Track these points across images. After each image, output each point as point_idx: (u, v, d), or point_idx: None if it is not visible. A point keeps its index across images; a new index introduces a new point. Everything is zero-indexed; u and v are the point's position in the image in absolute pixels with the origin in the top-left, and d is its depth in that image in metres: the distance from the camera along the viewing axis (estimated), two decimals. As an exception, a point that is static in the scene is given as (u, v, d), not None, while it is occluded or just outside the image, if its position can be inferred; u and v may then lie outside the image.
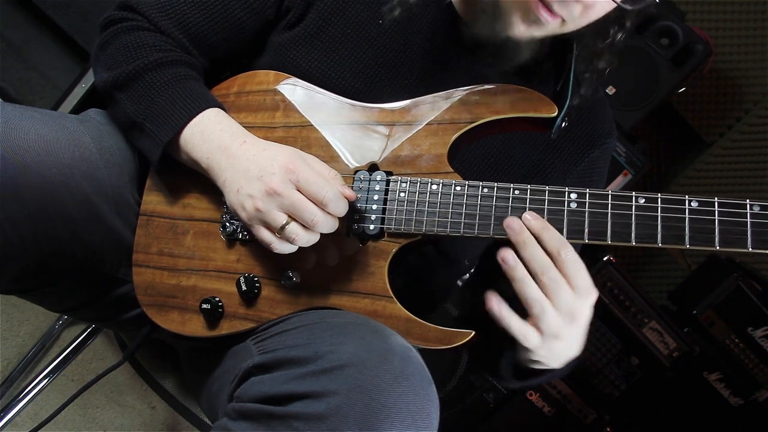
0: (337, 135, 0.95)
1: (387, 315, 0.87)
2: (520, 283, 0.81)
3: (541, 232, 0.81)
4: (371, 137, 0.94)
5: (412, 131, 0.93)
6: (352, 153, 0.94)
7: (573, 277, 0.80)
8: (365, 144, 0.94)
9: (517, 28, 0.89)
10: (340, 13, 1.01)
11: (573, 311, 0.80)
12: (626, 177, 2.04)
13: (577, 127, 1.04)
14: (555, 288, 0.79)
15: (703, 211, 0.78)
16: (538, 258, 0.80)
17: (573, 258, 0.80)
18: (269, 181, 0.83)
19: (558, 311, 0.80)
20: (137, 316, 1.02)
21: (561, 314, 0.80)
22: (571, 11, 0.85)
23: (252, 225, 0.85)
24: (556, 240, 0.80)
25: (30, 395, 1.46)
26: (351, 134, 0.95)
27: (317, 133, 0.95)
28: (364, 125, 0.94)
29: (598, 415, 2.06)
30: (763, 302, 2.04)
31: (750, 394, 2.10)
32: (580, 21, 0.89)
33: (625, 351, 2.04)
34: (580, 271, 0.80)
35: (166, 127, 0.91)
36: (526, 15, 0.88)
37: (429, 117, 0.92)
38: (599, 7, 0.87)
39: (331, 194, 0.82)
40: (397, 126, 0.93)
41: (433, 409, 0.75)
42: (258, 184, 0.84)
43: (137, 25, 0.99)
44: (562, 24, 0.88)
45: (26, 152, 0.83)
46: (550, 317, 0.80)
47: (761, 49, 2.42)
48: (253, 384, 0.80)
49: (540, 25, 0.88)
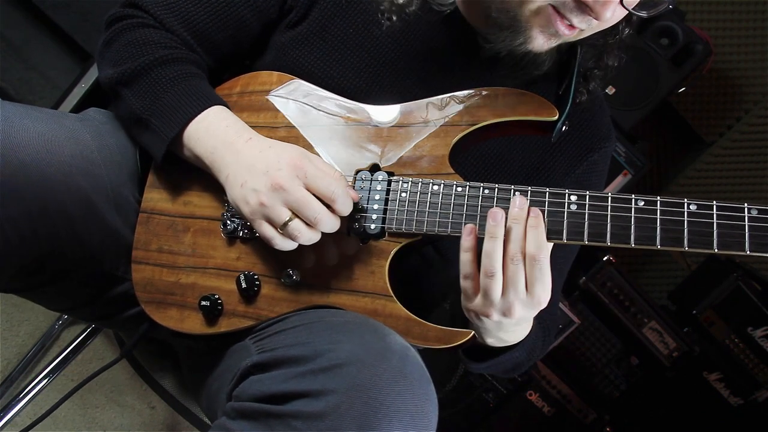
0: (336, 137, 0.95)
1: (387, 314, 0.87)
2: (493, 241, 0.81)
3: (530, 228, 0.81)
4: (372, 138, 0.94)
5: (413, 133, 0.93)
6: (352, 153, 0.94)
7: (533, 284, 0.80)
8: (366, 144, 0.94)
9: (536, 42, 0.90)
10: (343, 13, 1.01)
11: (512, 307, 0.81)
12: (626, 177, 2.04)
13: (576, 130, 1.04)
14: (513, 275, 0.80)
15: (701, 214, 0.78)
16: (517, 241, 0.80)
17: (542, 267, 0.80)
18: (276, 176, 0.83)
19: (503, 296, 0.81)
20: (137, 314, 1.02)
21: (503, 300, 0.81)
22: (589, 23, 0.86)
23: (254, 219, 0.85)
24: (537, 242, 0.80)
25: (30, 395, 1.46)
26: (351, 135, 0.95)
27: (319, 134, 0.95)
28: (365, 126, 0.95)
29: (598, 415, 2.06)
30: (763, 302, 2.05)
31: (750, 394, 2.10)
32: (596, 29, 0.90)
33: (625, 351, 2.04)
34: (542, 281, 0.80)
35: (171, 123, 0.92)
36: (546, 29, 0.88)
37: (431, 119, 0.93)
38: (615, 17, 0.87)
39: (340, 191, 0.83)
40: (398, 127, 0.94)
41: (431, 408, 0.75)
42: (264, 179, 0.84)
43: (142, 22, 0.99)
44: (579, 33, 0.89)
45: (26, 150, 0.83)
46: (494, 291, 0.81)
47: (761, 49, 2.42)
48: (252, 383, 0.80)
49: (558, 38, 0.89)
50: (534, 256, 0.80)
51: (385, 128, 0.94)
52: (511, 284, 0.81)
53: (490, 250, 0.81)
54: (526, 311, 0.83)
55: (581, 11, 0.84)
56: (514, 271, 0.80)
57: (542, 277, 0.80)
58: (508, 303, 0.81)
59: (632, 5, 0.85)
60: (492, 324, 0.86)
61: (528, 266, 0.80)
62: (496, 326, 0.87)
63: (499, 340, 0.92)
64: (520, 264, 0.80)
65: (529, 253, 0.80)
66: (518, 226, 0.81)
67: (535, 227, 0.81)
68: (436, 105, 0.93)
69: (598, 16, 0.84)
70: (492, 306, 0.82)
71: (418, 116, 0.93)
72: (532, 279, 0.80)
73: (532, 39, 0.90)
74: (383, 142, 0.93)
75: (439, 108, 0.93)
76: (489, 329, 0.89)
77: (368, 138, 0.94)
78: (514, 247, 0.80)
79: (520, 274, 0.80)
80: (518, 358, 0.98)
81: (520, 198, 0.83)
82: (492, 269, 0.81)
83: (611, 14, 0.84)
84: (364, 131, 0.94)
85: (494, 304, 0.82)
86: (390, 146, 0.93)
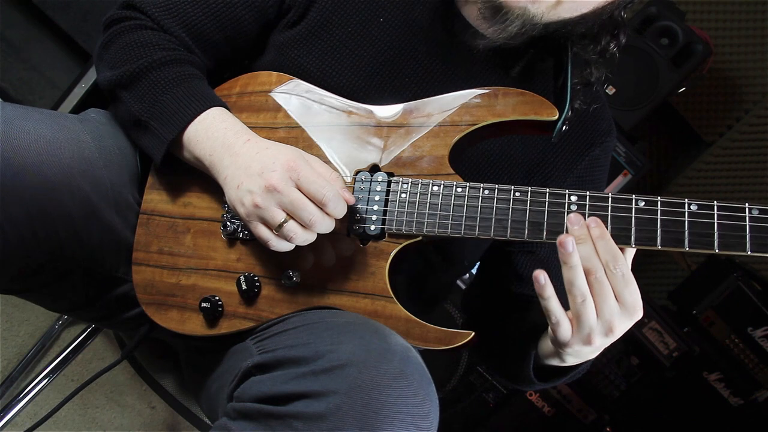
0: (335, 138, 0.95)
1: (387, 315, 0.87)
2: (572, 269, 0.78)
3: (597, 240, 0.78)
4: (371, 138, 0.94)
5: (413, 133, 0.93)
6: (352, 154, 0.94)
7: (620, 292, 0.78)
8: (365, 145, 0.94)
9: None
10: (341, 12, 1.01)
11: (611, 323, 0.78)
12: (626, 177, 2.04)
13: (577, 126, 1.04)
14: (600, 290, 0.78)
15: (702, 215, 0.78)
16: (592, 258, 0.78)
17: (624, 273, 0.78)
18: (269, 178, 0.83)
19: (599, 316, 0.78)
20: (137, 315, 1.02)
21: (600, 321, 0.79)
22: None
23: (250, 221, 0.85)
24: (610, 252, 0.78)
25: (30, 395, 1.45)
26: (350, 136, 0.95)
27: (320, 133, 0.95)
28: (365, 126, 0.95)
29: (598, 415, 2.06)
30: (763, 302, 2.05)
31: (750, 394, 2.10)
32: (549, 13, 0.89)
33: (625, 351, 2.04)
34: (629, 287, 0.78)
35: (170, 125, 0.92)
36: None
37: (431, 119, 0.92)
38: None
39: (331, 195, 0.82)
40: (398, 128, 0.93)
41: (432, 408, 0.75)
42: (258, 181, 0.84)
43: (140, 23, 0.99)
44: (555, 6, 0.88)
45: (26, 152, 0.83)
46: (589, 315, 0.78)
47: (761, 49, 2.42)
48: (253, 384, 0.80)
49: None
50: (610, 266, 0.77)
51: (385, 127, 0.94)
52: (602, 302, 0.78)
53: (572, 277, 0.78)
54: (625, 322, 0.80)
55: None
56: (599, 288, 0.78)
57: (627, 284, 0.78)
58: (606, 322, 0.78)
59: None
60: (592, 349, 0.82)
61: (610, 278, 0.78)
62: (596, 349, 0.83)
63: (586, 358, 0.88)
64: (603, 278, 0.78)
65: (606, 265, 0.78)
66: (586, 245, 0.78)
67: (602, 237, 0.78)
68: (436, 104, 0.93)
69: None
70: (592, 331, 0.79)
71: (419, 115, 0.93)
72: (618, 289, 0.78)
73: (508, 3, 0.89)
74: (384, 140, 0.93)
75: (439, 108, 0.93)
76: (585, 355, 0.86)
77: (369, 136, 0.94)
78: (590, 265, 0.78)
79: (606, 288, 0.78)
80: (589, 363, 0.94)
81: (575, 216, 0.80)
82: (581, 294, 0.78)
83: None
84: (365, 129, 0.94)
85: (594, 329, 0.79)
86: (391, 145, 0.93)
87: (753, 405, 2.10)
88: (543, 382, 0.97)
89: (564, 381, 0.97)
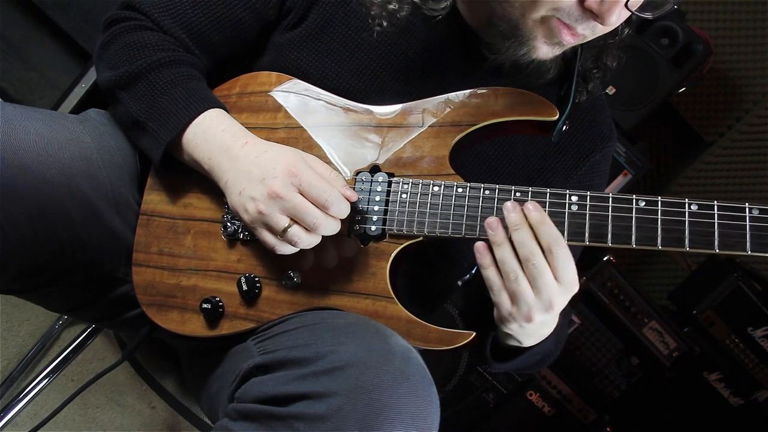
0: (335, 138, 0.95)
1: (388, 316, 0.87)
2: (500, 248, 0.81)
3: (538, 225, 0.81)
4: (371, 138, 0.94)
5: (413, 133, 0.93)
6: (352, 153, 0.94)
7: (560, 273, 0.80)
8: (365, 144, 0.94)
9: (540, 51, 0.89)
10: (342, 15, 1.00)
11: (551, 300, 0.81)
12: (626, 177, 2.04)
13: (577, 130, 1.04)
14: (539, 274, 0.80)
15: (702, 215, 0.78)
16: (528, 243, 0.80)
17: (564, 254, 0.80)
18: (271, 185, 0.83)
19: (538, 296, 0.81)
20: (137, 316, 1.02)
21: (539, 299, 0.81)
22: (593, 29, 0.86)
23: (254, 227, 0.86)
24: (551, 236, 0.80)
25: (30, 395, 1.45)
26: (350, 135, 0.95)
27: (320, 133, 0.95)
28: (365, 127, 0.94)
29: (598, 415, 2.06)
30: (763, 302, 2.05)
31: (750, 394, 2.10)
32: (599, 33, 0.89)
33: (625, 351, 2.04)
34: (568, 266, 0.80)
35: (168, 127, 0.92)
36: (549, 38, 0.88)
37: (431, 119, 0.92)
38: (620, 21, 0.86)
39: (333, 197, 0.82)
40: (398, 128, 0.93)
41: (433, 409, 0.75)
42: (260, 187, 0.84)
43: (140, 24, 0.99)
44: (583, 39, 0.89)
45: (26, 152, 0.83)
46: (524, 292, 0.81)
47: (761, 49, 2.42)
48: (254, 384, 0.80)
49: (563, 46, 0.89)
50: (550, 249, 0.80)
51: (385, 126, 0.94)
52: (542, 284, 0.80)
53: (502, 256, 0.81)
54: (564, 298, 0.82)
55: (586, 18, 0.83)
56: (537, 273, 0.80)
57: (566, 264, 0.80)
58: (546, 300, 0.81)
59: (636, 7, 0.84)
60: (536, 325, 0.85)
61: (549, 259, 0.80)
62: (540, 325, 0.86)
63: (538, 337, 0.91)
64: (541, 261, 0.80)
65: (546, 248, 0.80)
66: (520, 231, 0.81)
67: (542, 222, 0.80)
68: (436, 105, 0.93)
69: (603, 21, 0.82)
70: (532, 307, 0.81)
71: (419, 115, 0.93)
72: (556, 268, 0.80)
73: (536, 49, 0.89)
74: (384, 140, 0.93)
75: (439, 108, 0.93)
76: (531, 332, 0.88)
77: (369, 135, 0.94)
78: (525, 251, 0.80)
79: (543, 268, 0.80)
80: (548, 348, 0.97)
81: (511, 203, 0.82)
82: (513, 272, 0.81)
83: (617, 18, 0.82)
84: (365, 129, 0.94)
85: (533, 305, 0.81)
86: (391, 144, 0.93)
87: (753, 405, 2.11)
88: (501, 362, 0.99)
89: (522, 362, 0.98)
